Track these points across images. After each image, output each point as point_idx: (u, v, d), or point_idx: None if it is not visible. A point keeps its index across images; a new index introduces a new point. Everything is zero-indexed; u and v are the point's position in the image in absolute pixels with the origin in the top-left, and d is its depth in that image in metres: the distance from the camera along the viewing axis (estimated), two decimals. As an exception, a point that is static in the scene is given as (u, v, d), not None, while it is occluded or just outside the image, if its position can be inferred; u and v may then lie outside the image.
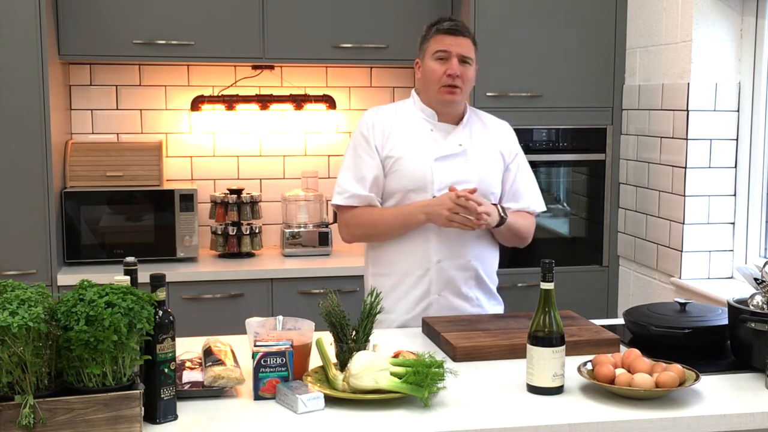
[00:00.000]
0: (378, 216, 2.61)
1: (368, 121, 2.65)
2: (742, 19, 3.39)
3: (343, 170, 2.67)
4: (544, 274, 2.00)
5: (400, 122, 2.65)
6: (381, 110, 2.71)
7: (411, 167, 2.59)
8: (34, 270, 3.49)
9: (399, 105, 2.74)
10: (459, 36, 2.59)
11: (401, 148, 2.61)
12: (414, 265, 2.62)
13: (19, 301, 1.69)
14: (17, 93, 3.44)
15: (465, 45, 2.59)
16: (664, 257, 3.58)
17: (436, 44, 2.59)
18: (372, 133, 2.63)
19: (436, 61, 2.58)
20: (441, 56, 2.58)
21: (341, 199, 2.63)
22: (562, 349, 1.98)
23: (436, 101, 2.62)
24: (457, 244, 2.61)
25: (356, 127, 2.69)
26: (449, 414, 1.87)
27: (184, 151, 4.17)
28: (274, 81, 4.20)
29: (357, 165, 2.63)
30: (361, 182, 2.61)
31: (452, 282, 2.63)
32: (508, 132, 2.76)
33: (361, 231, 2.66)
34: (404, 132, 2.64)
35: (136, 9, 3.72)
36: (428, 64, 2.61)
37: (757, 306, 2.18)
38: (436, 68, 2.58)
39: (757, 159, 3.38)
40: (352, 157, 2.66)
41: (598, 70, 3.87)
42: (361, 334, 2.05)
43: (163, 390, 1.80)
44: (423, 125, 2.65)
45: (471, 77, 2.62)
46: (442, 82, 2.57)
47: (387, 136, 2.62)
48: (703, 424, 1.88)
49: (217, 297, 3.71)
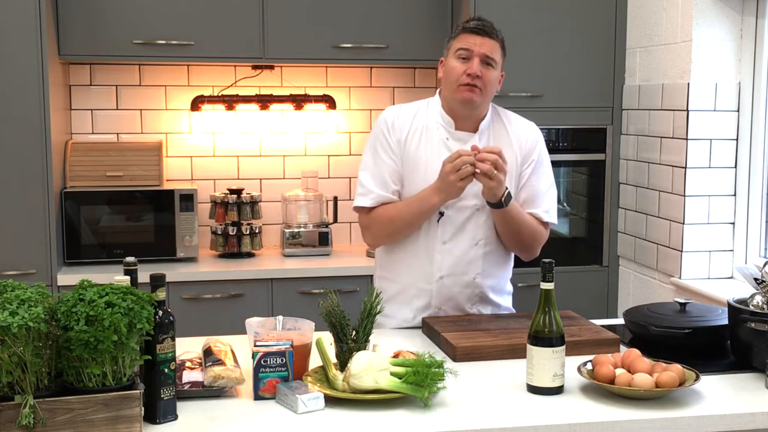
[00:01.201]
0: (394, 211, 2.53)
1: (388, 121, 2.57)
2: (742, 19, 3.39)
3: (363, 170, 2.59)
4: (544, 274, 2.00)
5: (418, 127, 2.56)
6: (402, 111, 2.61)
7: (423, 176, 2.51)
8: (34, 270, 3.49)
9: (421, 106, 2.62)
10: (485, 36, 2.49)
11: (416, 155, 2.54)
12: (417, 278, 2.57)
13: (19, 301, 1.68)
14: (17, 93, 3.44)
15: (490, 46, 2.49)
16: (664, 257, 3.58)
17: (460, 42, 2.50)
18: (391, 133, 2.55)
19: (458, 60, 2.49)
20: (463, 55, 2.48)
21: (368, 200, 2.55)
22: (562, 349, 1.98)
23: (453, 101, 2.52)
24: (462, 262, 2.55)
25: (377, 123, 2.61)
26: (449, 414, 1.87)
27: (184, 151, 4.17)
28: (274, 81, 4.20)
29: (377, 166, 2.56)
30: (383, 185, 2.54)
31: (454, 298, 2.58)
32: (533, 135, 2.63)
33: (381, 230, 2.57)
34: (421, 138, 2.55)
35: (136, 9, 3.73)
36: (450, 62, 2.52)
37: (757, 306, 2.18)
38: (456, 66, 2.49)
39: (757, 159, 3.38)
40: (372, 157, 2.58)
41: (598, 70, 3.87)
42: (361, 334, 2.05)
43: (163, 390, 1.80)
44: (440, 133, 2.55)
45: (493, 80, 2.50)
46: (461, 80, 2.47)
47: (404, 141, 2.55)
48: (703, 424, 1.88)
49: (217, 297, 3.71)
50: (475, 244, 2.56)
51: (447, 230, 2.53)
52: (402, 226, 2.53)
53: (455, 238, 2.54)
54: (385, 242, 2.62)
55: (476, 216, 2.54)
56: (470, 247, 2.55)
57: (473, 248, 2.55)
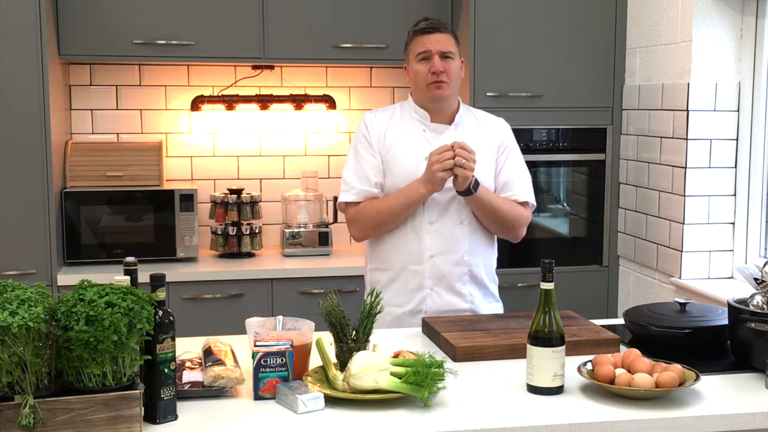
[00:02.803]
0: (381, 204, 2.66)
1: (367, 122, 2.75)
2: (742, 19, 3.39)
3: (346, 168, 2.75)
4: (544, 274, 2.00)
5: (396, 124, 2.73)
6: (379, 112, 2.80)
7: (403, 166, 2.66)
8: (34, 270, 3.49)
9: (397, 107, 2.80)
10: (436, 33, 2.65)
11: (395, 149, 2.69)
12: (408, 260, 2.68)
13: (19, 301, 1.69)
14: (17, 93, 3.44)
15: (443, 40, 2.65)
16: (664, 257, 3.58)
17: (417, 46, 2.67)
18: (371, 132, 2.72)
19: (420, 63, 2.65)
20: (423, 56, 2.64)
21: (351, 195, 2.70)
22: (562, 349, 1.98)
23: (427, 99, 2.68)
24: (449, 240, 2.67)
25: (357, 128, 2.79)
26: (449, 414, 1.87)
27: (184, 151, 4.17)
28: (274, 81, 4.20)
29: (359, 163, 2.71)
30: (365, 180, 2.68)
31: (445, 277, 2.67)
32: (503, 128, 2.80)
33: (368, 223, 2.69)
34: (399, 133, 2.71)
35: (136, 9, 3.72)
36: (413, 67, 2.68)
37: (757, 306, 2.18)
38: (420, 69, 2.65)
39: (757, 159, 3.38)
40: (354, 156, 2.74)
41: (598, 70, 3.87)
42: (361, 334, 2.05)
43: (163, 390, 1.80)
44: (416, 126, 2.72)
45: (455, 70, 2.66)
46: (428, 79, 2.63)
47: (383, 137, 2.71)
48: (703, 424, 1.88)
49: (217, 297, 3.71)
50: (461, 223, 2.68)
51: (433, 211, 2.66)
52: (389, 218, 2.65)
53: (441, 218, 2.67)
54: (371, 235, 2.74)
55: (459, 197, 2.64)
56: (456, 226, 2.67)
57: (459, 227, 2.67)
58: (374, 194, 2.68)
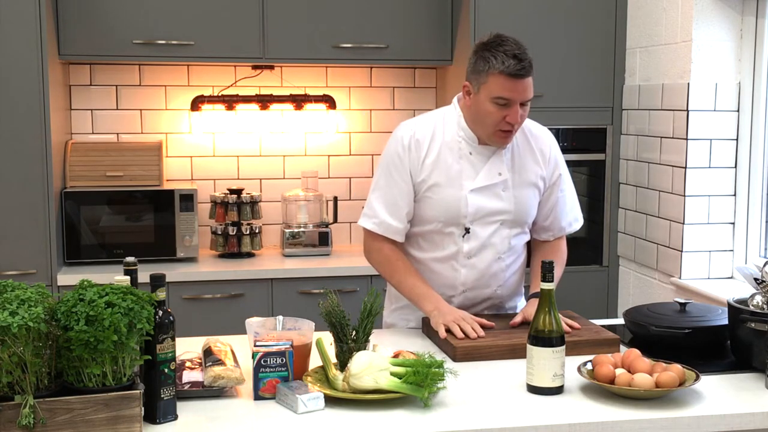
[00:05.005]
0: (398, 273, 2.51)
1: (405, 142, 2.46)
2: (742, 19, 3.39)
3: (374, 190, 2.52)
4: (544, 274, 2.00)
5: (437, 144, 2.46)
6: (418, 128, 2.49)
7: (445, 198, 2.45)
8: (34, 270, 3.49)
9: (438, 119, 2.51)
10: (525, 78, 2.35)
11: (437, 175, 2.45)
12: (440, 289, 2.52)
13: (19, 301, 1.69)
14: (17, 93, 3.44)
15: (529, 88, 2.37)
16: (664, 257, 3.58)
17: (498, 89, 2.33)
18: (407, 155, 2.46)
19: (495, 105, 2.35)
20: (503, 103, 2.35)
21: (371, 224, 2.51)
22: (562, 349, 1.98)
23: (487, 139, 2.44)
24: (486, 275, 2.53)
25: (391, 141, 2.51)
26: (449, 414, 1.87)
27: (184, 151, 4.17)
28: (274, 81, 4.20)
29: (390, 189, 2.48)
30: (394, 211, 2.48)
31: (474, 307, 2.57)
32: (552, 146, 2.58)
33: (378, 267, 2.56)
34: (441, 155, 2.46)
35: (136, 9, 3.72)
36: (484, 105, 2.37)
37: (757, 306, 2.18)
38: (493, 111, 2.36)
39: (757, 159, 3.38)
40: (384, 177, 2.50)
41: (598, 70, 3.86)
42: (361, 334, 2.05)
43: (163, 390, 1.80)
44: (462, 147, 2.47)
45: (527, 113, 2.42)
46: (500, 126, 2.37)
47: (422, 160, 2.45)
48: (703, 424, 1.88)
49: (217, 297, 3.71)
50: (499, 258, 2.53)
51: (472, 246, 2.50)
52: (394, 286, 2.56)
53: (480, 253, 2.51)
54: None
55: (500, 230, 2.51)
56: (494, 261, 2.53)
57: (496, 262, 2.54)
58: (397, 229, 2.48)
